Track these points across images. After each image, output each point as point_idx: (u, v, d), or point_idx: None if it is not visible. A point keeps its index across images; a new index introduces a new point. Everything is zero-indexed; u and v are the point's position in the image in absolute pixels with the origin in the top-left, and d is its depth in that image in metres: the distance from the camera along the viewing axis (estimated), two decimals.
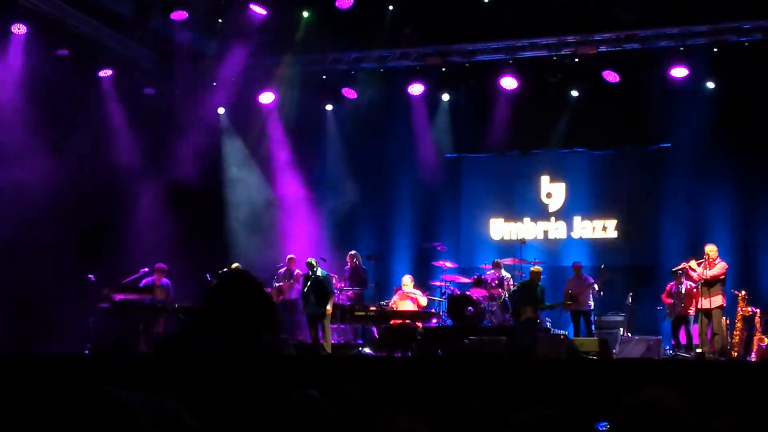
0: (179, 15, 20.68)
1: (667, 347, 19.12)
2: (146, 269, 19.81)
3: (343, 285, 21.01)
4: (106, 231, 21.11)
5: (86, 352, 18.38)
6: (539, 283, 19.35)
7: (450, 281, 21.38)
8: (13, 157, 19.23)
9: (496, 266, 21.08)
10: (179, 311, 19.21)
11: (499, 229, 24.18)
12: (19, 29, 19.68)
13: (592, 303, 20.13)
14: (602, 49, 21.45)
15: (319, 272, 19.56)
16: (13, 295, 19.01)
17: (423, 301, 20.18)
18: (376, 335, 20.04)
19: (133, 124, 22.35)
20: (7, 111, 19.53)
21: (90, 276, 19.28)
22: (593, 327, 20.03)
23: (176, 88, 22.74)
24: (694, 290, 18.24)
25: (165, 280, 19.97)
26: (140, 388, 2.27)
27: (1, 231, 19.13)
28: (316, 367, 14.87)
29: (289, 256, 21.11)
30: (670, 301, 19.23)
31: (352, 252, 21.62)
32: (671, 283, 19.29)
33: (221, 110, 24.16)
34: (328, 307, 19.30)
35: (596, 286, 20.09)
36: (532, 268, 19.82)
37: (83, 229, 20.49)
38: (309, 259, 19.85)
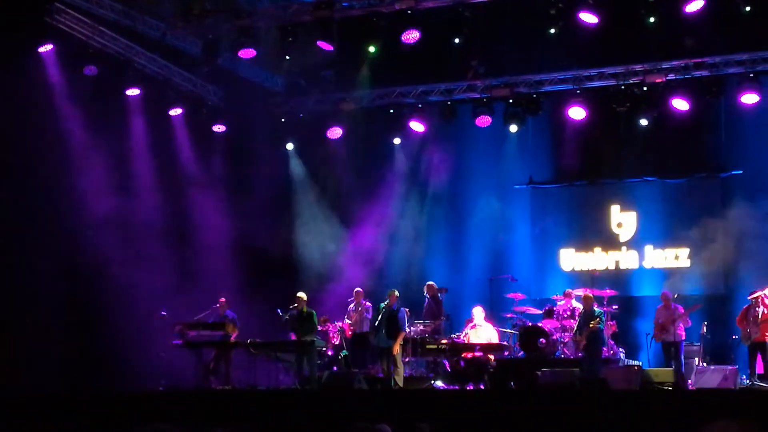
0: (247, 53, 20.79)
1: (744, 376, 18.80)
2: (217, 306, 19.85)
3: (424, 316, 20.93)
4: (178, 267, 21.23)
5: (161, 389, 18.52)
6: (595, 309, 19.11)
7: (521, 313, 21.25)
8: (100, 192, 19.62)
9: (567, 297, 20.90)
10: (251, 346, 19.26)
11: (570, 259, 23.99)
12: (90, 71, 19.98)
13: (683, 334, 19.73)
14: (671, 77, 21.30)
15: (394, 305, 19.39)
16: (87, 332, 19.22)
17: (494, 337, 20.02)
18: (447, 368, 19.93)
19: (202, 160, 22.57)
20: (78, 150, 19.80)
21: (163, 312, 19.43)
22: (682, 358, 19.54)
23: (245, 125, 22.92)
24: None
25: (229, 312, 19.99)
26: (214, 424, 2.29)
27: (79, 270, 19.38)
28: (387, 401, 14.84)
29: (356, 290, 21.10)
30: (745, 325, 18.80)
31: (430, 282, 21.51)
32: (746, 306, 18.90)
33: (290, 146, 24.34)
34: (396, 346, 19.10)
35: (689, 319, 19.76)
36: (582, 295, 19.70)
37: (155, 266, 20.64)
38: (390, 290, 19.71)
